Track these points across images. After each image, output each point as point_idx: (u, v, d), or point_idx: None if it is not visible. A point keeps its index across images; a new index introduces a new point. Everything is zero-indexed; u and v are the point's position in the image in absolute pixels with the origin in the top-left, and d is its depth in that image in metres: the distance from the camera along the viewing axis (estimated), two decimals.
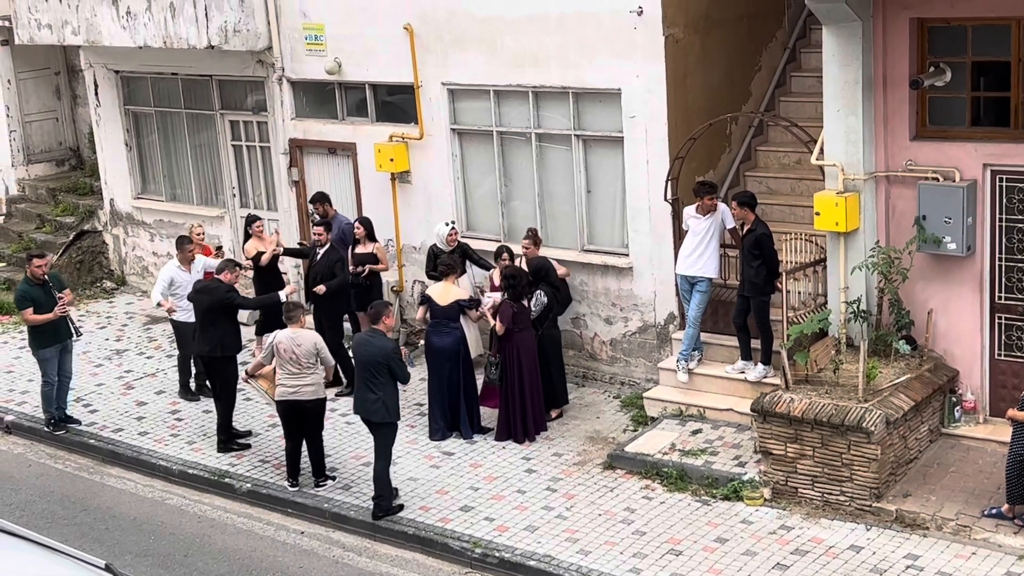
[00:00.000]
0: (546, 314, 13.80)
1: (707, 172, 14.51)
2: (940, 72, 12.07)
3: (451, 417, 13.79)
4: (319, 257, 15.22)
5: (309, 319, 15.52)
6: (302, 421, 12.62)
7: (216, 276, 13.94)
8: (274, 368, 12.55)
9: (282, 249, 15.92)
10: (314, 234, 15.32)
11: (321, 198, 16.06)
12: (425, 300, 13.79)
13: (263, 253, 15.70)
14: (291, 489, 12.87)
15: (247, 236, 16.12)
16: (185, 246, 15.06)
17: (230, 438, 13.93)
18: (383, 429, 12.10)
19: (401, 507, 12.27)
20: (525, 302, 13.42)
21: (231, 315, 13.76)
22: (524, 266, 14.00)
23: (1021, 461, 10.67)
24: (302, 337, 12.45)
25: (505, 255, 14.18)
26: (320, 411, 12.70)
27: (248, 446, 13.93)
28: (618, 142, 14.38)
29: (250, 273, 15.91)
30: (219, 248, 16.38)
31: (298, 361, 12.38)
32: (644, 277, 14.43)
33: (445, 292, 13.73)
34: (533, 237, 14.24)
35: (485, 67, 15.12)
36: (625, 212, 14.52)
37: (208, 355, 13.78)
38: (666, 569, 10.89)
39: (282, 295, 14.16)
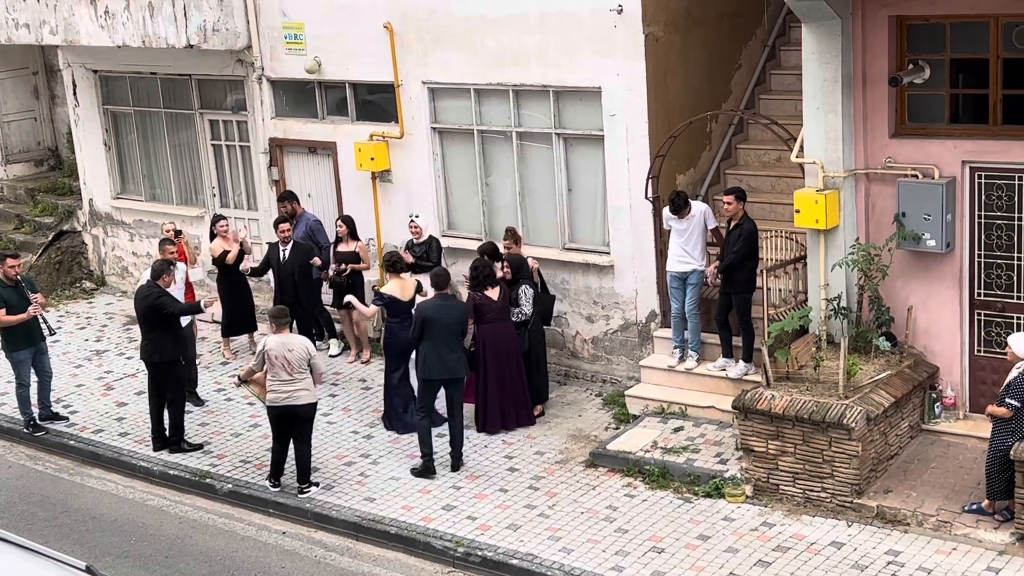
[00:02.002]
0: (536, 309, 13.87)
1: (688, 170, 14.53)
2: (919, 69, 12.12)
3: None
4: (287, 256, 15.26)
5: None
6: (292, 426, 12.54)
7: (154, 281, 13.71)
8: (265, 374, 12.43)
9: (249, 247, 15.90)
10: (279, 232, 15.35)
11: (289, 196, 16.27)
12: (387, 300, 13.81)
13: (228, 252, 15.76)
14: (273, 490, 12.84)
15: (212, 235, 16.21)
16: (166, 247, 14.97)
17: (180, 440, 13.87)
18: (460, 384, 12.98)
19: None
20: (489, 293, 13.44)
21: (164, 321, 13.53)
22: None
23: (1001, 456, 10.72)
24: (293, 343, 12.37)
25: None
26: (312, 415, 12.61)
27: (200, 446, 13.85)
28: (599, 140, 14.39)
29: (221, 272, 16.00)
30: (179, 232, 16.31)
31: (290, 367, 12.28)
32: (625, 275, 14.45)
33: (404, 288, 13.90)
34: (512, 236, 14.28)
35: (466, 66, 15.11)
36: (606, 210, 14.53)
37: (148, 361, 13.72)
38: (648, 567, 10.91)
39: (203, 305, 14.11)
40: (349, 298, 14.59)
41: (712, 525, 11.52)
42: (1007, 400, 10.67)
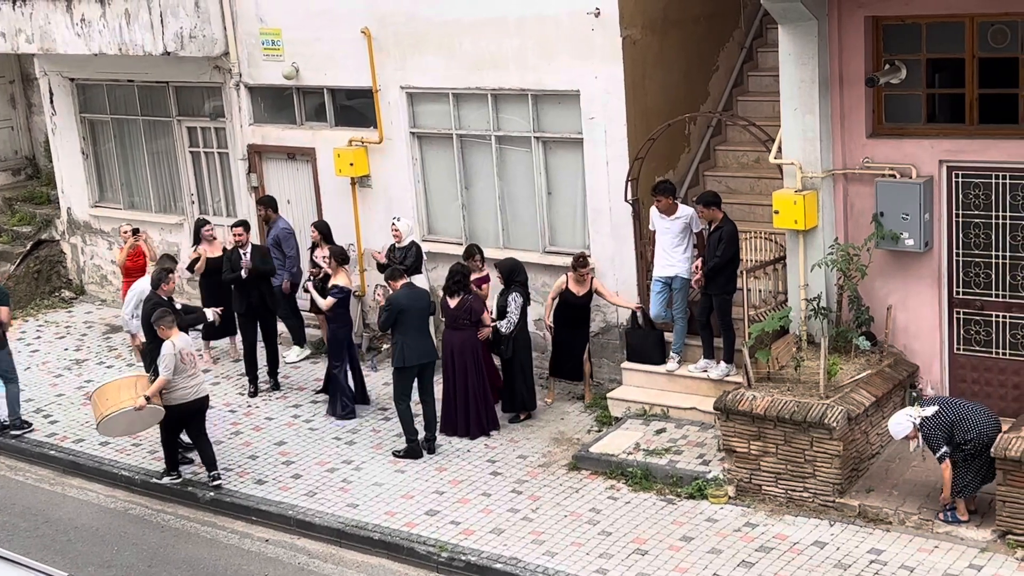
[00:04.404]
0: (523, 316, 13.86)
1: (667, 172, 14.56)
2: (895, 70, 12.17)
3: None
4: (248, 259, 15.25)
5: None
6: (192, 419, 12.96)
7: (155, 290, 13.68)
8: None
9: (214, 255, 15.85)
10: (234, 235, 15.39)
11: (267, 202, 16.33)
12: (345, 291, 14.40)
13: (197, 261, 15.75)
14: (176, 482, 13.18)
15: (196, 239, 16.22)
16: (170, 277, 14.78)
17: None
18: (432, 368, 13.44)
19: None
20: (450, 300, 13.50)
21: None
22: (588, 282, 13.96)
23: (954, 460, 10.81)
24: (188, 338, 13.05)
25: (478, 257, 14.35)
26: (208, 406, 13.24)
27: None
28: (578, 143, 14.41)
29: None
30: (136, 231, 16.58)
31: (195, 361, 12.89)
32: (606, 278, 14.45)
33: (349, 281, 14.64)
34: (580, 261, 13.82)
35: (444, 70, 15.11)
36: (586, 213, 14.55)
37: (151, 369, 13.62)
38: (632, 569, 10.92)
39: (209, 314, 14.05)
40: (308, 286, 14.83)
41: (695, 526, 11.54)
42: (939, 455, 10.76)
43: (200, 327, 16.04)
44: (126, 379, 13.03)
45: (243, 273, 15.10)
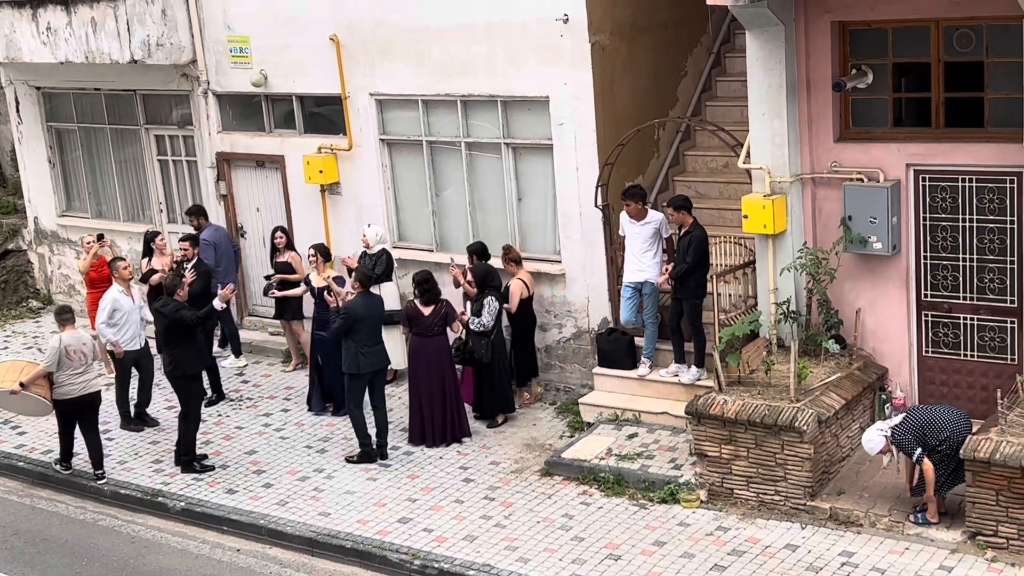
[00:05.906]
0: (499, 320, 13.88)
1: (636, 177, 14.59)
2: (862, 74, 12.24)
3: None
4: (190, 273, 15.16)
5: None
6: (81, 415, 13.36)
7: (170, 297, 13.53)
8: (50, 374, 13.09)
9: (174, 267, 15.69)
10: (180, 249, 15.33)
11: (196, 211, 16.31)
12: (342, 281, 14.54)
13: (154, 272, 15.62)
14: (65, 473, 13.69)
15: (148, 252, 16.10)
16: (119, 264, 14.77)
17: (192, 458, 13.66)
18: (384, 374, 13.71)
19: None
20: (422, 307, 13.49)
21: (186, 334, 13.39)
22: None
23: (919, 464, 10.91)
24: (84, 337, 13.40)
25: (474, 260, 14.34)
26: (100, 402, 13.59)
27: (212, 467, 13.63)
28: (547, 149, 14.43)
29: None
30: (100, 236, 16.62)
31: (86, 359, 13.23)
32: (577, 283, 14.47)
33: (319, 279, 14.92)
34: (507, 253, 14.27)
35: (413, 77, 15.10)
36: (556, 219, 14.56)
37: (170, 374, 13.56)
38: (605, 574, 10.92)
39: (217, 303, 13.84)
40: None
41: (668, 531, 11.56)
42: (916, 458, 10.84)
43: None
44: (17, 362, 13.65)
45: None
